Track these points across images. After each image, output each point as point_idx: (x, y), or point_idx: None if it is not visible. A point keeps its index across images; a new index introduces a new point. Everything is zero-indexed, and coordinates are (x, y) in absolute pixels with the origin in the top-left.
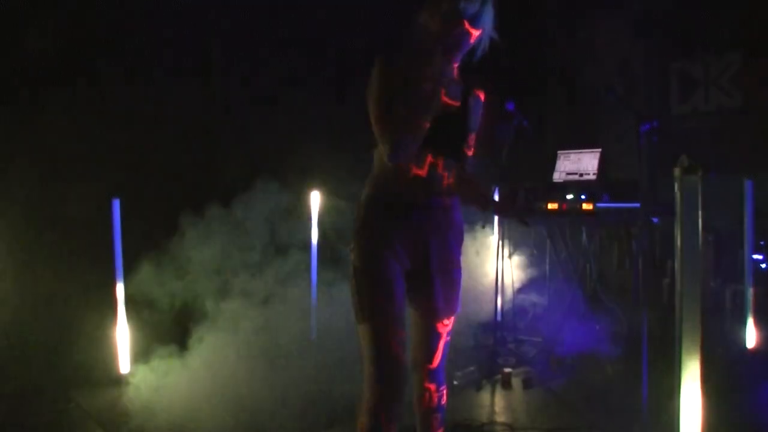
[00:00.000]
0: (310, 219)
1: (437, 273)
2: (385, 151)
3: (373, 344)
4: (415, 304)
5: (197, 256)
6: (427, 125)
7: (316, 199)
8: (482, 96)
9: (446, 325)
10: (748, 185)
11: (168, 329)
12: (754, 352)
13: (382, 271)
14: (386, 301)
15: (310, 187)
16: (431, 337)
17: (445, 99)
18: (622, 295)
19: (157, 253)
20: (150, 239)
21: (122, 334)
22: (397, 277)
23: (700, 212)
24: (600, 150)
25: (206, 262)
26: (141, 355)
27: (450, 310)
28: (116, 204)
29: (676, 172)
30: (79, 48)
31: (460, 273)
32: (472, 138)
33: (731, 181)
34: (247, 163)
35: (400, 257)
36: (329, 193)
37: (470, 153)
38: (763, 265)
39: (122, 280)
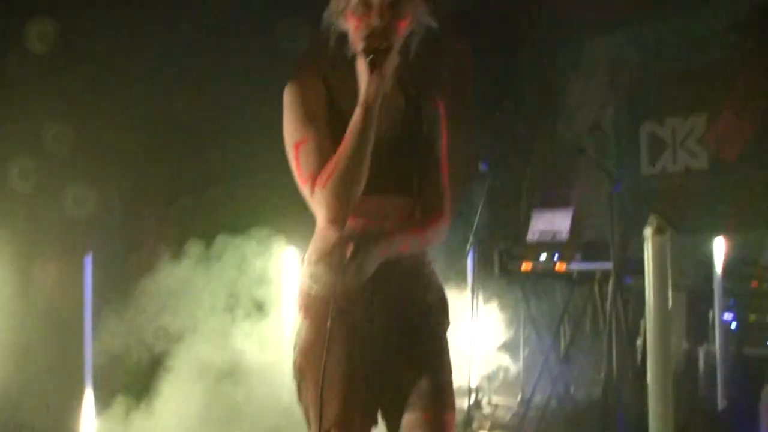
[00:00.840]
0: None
1: (416, 362)
2: (320, 217)
3: None
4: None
5: (170, 311)
6: (366, 164)
7: (291, 257)
8: (441, 106)
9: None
10: (716, 244)
11: (137, 386)
12: (725, 412)
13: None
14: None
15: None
16: None
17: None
18: (597, 356)
19: (127, 307)
20: (121, 291)
21: (89, 398)
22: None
23: (669, 271)
24: (572, 209)
25: (180, 318)
26: (109, 414)
27: (452, 399)
28: (88, 261)
29: (646, 232)
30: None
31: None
32: (438, 166)
33: (701, 241)
34: (228, 211)
35: (361, 353)
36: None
37: (443, 189)
38: (734, 325)
39: (91, 339)
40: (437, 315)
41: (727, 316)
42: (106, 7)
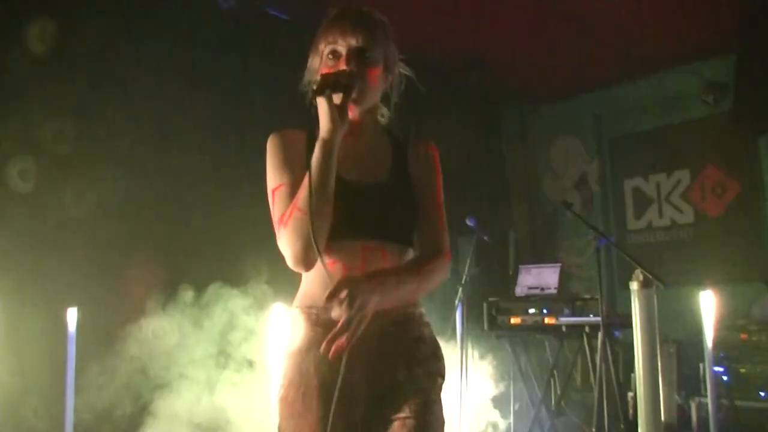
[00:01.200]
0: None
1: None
2: (287, 259)
3: None
4: None
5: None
6: (327, 201)
7: (279, 314)
8: (432, 150)
9: None
10: (704, 297)
11: None
12: None
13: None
14: None
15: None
16: None
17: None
18: (588, 411)
19: (113, 361)
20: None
21: None
22: None
23: (657, 324)
24: (560, 264)
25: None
26: None
27: None
28: (72, 313)
29: (633, 285)
30: None
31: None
32: (435, 207)
33: (689, 294)
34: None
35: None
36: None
37: (440, 228)
38: (725, 378)
39: (73, 395)
40: (428, 368)
41: (718, 368)
42: (106, 7)
